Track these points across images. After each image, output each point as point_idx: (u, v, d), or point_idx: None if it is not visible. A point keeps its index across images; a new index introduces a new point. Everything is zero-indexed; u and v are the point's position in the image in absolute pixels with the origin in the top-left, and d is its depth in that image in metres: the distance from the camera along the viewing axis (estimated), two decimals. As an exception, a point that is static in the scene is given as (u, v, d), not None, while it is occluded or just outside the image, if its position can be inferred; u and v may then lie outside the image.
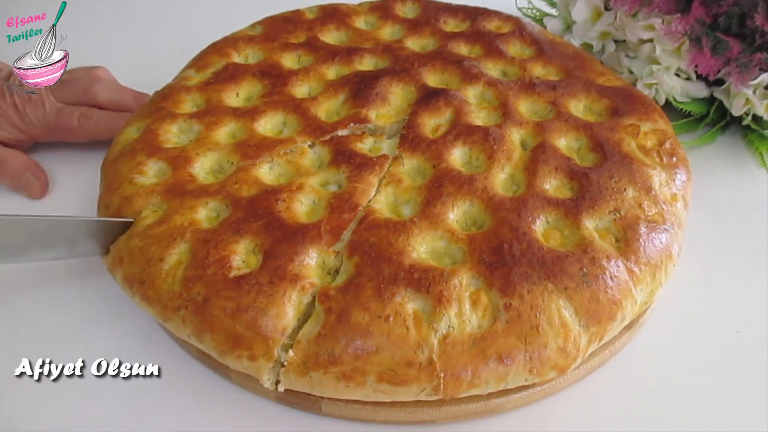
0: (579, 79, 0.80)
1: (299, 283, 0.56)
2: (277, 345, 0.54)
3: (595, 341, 0.57)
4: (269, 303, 0.55)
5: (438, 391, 0.53)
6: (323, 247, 0.59)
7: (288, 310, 0.55)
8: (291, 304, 0.55)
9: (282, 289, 0.55)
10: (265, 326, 0.54)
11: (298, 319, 0.55)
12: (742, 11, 0.82)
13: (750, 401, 0.60)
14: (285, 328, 0.54)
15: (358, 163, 0.67)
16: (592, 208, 0.63)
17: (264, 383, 0.55)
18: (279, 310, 0.55)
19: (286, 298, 0.55)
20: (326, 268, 0.58)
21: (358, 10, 0.95)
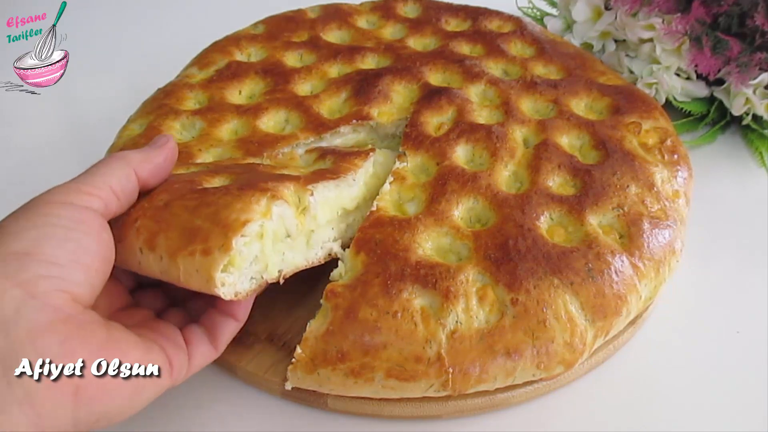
0: (580, 78, 0.80)
1: (270, 192, 0.52)
2: (236, 234, 0.48)
3: (601, 336, 0.58)
4: (235, 200, 0.51)
5: (447, 386, 0.53)
6: (300, 184, 0.56)
7: (254, 207, 0.50)
8: (258, 205, 0.51)
9: (251, 193, 0.52)
10: (226, 217, 0.49)
11: (263, 225, 0.51)
12: (742, 11, 0.83)
13: (751, 396, 0.60)
14: (247, 221, 0.49)
15: (344, 153, 0.67)
16: (595, 204, 0.63)
17: (218, 288, 0.48)
18: (244, 206, 0.50)
19: (254, 199, 0.51)
20: (301, 205, 0.55)
21: (359, 9, 0.95)
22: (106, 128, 0.79)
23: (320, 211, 0.58)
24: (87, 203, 0.49)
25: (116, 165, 0.53)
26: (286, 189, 0.54)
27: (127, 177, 0.52)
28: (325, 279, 0.59)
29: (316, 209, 0.57)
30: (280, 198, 0.53)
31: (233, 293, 0.50)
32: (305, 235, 0.57)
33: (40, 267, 0.44)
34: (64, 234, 0.46)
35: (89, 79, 1.03)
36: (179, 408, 0.60)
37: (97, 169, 0.52)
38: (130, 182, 0.53)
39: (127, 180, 0.52)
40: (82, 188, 0.50)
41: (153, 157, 0.55)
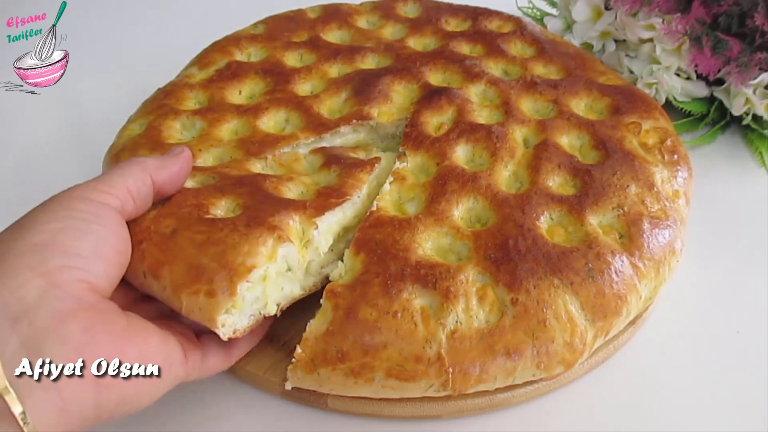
0: (580, 78, 0.80)
1: (277, 232, 0.53)
2: (242, 281, 0.50)
3: (601, 336, 0.58)
4: (242, 240, 0.52)
5: (447, 386, 0.53)
6: (306, 217, 0.56)
7: (261, 250, 0.52)
8: (265, 247, 0.52)
9: (258, 232, 0.53)
10: (233, 260, 0.51)
11: (267, 269, 0.52)
12: (742, 11, 0.83)
13: (751, 396, 0.60)
14: (253, 267, 0.51)
15: (349, 163, 0.67)
16: (595, 204, 0.63)
17: (217, 327, 0.50)
18: (251, 249, 0.52)
19: (261, 240, 0.52)
20: (305, 239, 0.56)
21: (359, 9, 0.95)
22: (106, 128, 0.78)
23: (323, 240, 0.58)
24: (105, 200, 0.51)
25: (133, 169, 0.54)
26: (292, 222, 0.55)
27: (143, 181, 0.54)
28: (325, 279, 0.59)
29: (320, 241, 0.57)
30: (287, 240, 0.54)
31: (232, 332, 0.51)
32: (303, 267, 0.58)
33: (62, 258, 0.45)
34: (85, 226, 0.48)
35: (89, 79, 1.03)
36: (179, 408, 0.60)
37: (114, 171, 0.54)
38: (146, 186, 0.54)
39: (143, 184, 0.54)
40: (99, 187, 0.51)
41: (169, 165, 0.56)
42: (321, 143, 0.72)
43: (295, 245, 0.55)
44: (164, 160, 0.57)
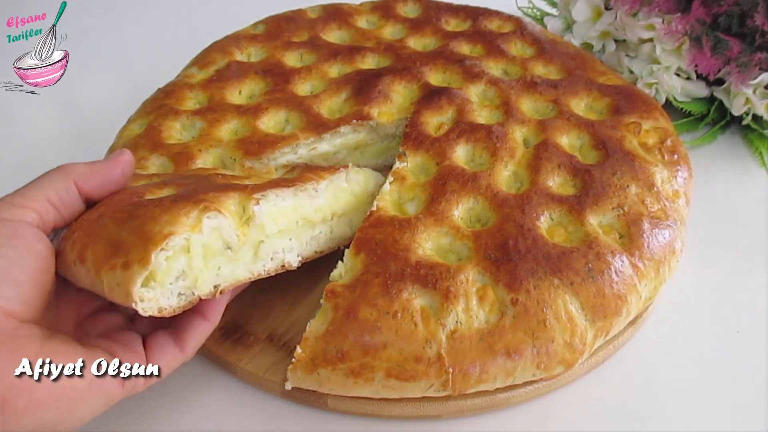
0: (580, 78, 0.80)
1: (203, 204, 0.50)
2: (156, 248, 0.46)
3: (601, 336, 0.58)
4: (164, 212, 0.49)
5: (447, 386, 0.53)
6: (246, 194, 0.53)
7: (182, 219, 0.48)
8: (187, 217, 0.49)
9: (182, 205, 0.49)
10: (149, 230, 0.47)
11: (189, 238, 0.49)
12: (742, 11, 0.83)
13: (751, 396, 0.60)
14: (170, 234, 0.47)
15: (314, 167, 0.66)
16: (595, 204, 0.63)
17: (136, 303, 0.46)
18: (171, 218, 0.48)
19: (183, 211, 0.49)
20: (245, 215, 0.53)
21: (359, 9, 0.95)
22: (106, 128, 0.79)
23: (270, 220, 0.55)
24: (20, 216, 0.49)
25: (55, 176, 0.53)
26: (229, 199, 0.52)
27: (66, 188, 0.52)
28: (325, 279, 0.59)
29: (262, 218, 0.54)
30: (214, 209, 0.50)
31: (156, 309, 0.48)
32: (252, 246, 0.55)
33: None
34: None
35: (89, 79, 1.03)
36: (179, 408, 0.60)
37: (35, 182, 0.52)
38: (70, 193, 0.52)
39: (66, 191, 0.52)
40: (15, 202, 0.50)
41: (98, 170, 0.54)
42: (321, 143, 0.72)
43: (229, 219, 0.51)
44: (94, 165, 0.54)
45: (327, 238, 0.62)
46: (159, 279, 0.48)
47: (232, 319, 0.64)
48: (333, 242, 0.63)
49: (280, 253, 0.58)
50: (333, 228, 0.63)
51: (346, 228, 0.64)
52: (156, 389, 0.60)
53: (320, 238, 0.62)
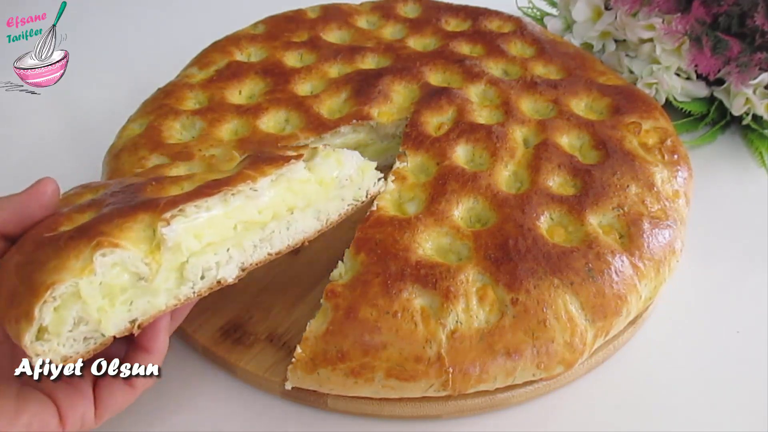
0: (580, 78, 0.80)
1: (97, 239, 0.45)
2: (39, 301, 0.43)
3: (601, 336, 0.58)
4: (54, 255, 0.45)
5: (447, 386, 0.53)
6: (156, 214, 0.48)
7: (70, 264, 0.44)
8: (77, 260, 0.45)
9: (74, 245, 0.45)
10: (35, 280, 0.44)
11: (78, 283, 0.45)
12: (742, 11, 0.83)
13: (751, 396, 0.60)
14: (54, 283, 0.43)
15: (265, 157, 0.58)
16: (595, 204, 0.63)
17: (33, 358, 0.44)
18: (58, 264, 0.44)
19: (74, 253, 0.45)
20: (155, 240, 0.48)
21: (359, 9, 0.95)
22: (106, 128, 0.79)
23: (189, 237, 0.49)
24: None
25: None
26: (135, 224, 0.48)
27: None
28: (325, 279, 0.59)
29: (178, 238, 0.48)
30: (108, 245, 0.45)
31: (59, 359, 0.45)
32: (174, 269, 0.49)
33: None
34: None
35: (89, 79, 1.03)
36: (179, 408, 0.60)
37: None
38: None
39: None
40: None
41: (11, 205, 0.50)
42: (321, 143, 0.72)
43: (132, 250, 0.47)
44: (6, 199, 0.50)
45: (284, 237, 0.56)
46: (52, 330, 0.44)
47: (232, 319, 0.64)
48: (293, 239, 0.57)
49: (213, 270, 0.51)
50: (291, 224, 0.56)
51: (311, 220, 0.58)
52: (156, 389, 0.61)
53: (273, 238, 0.55)
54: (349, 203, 0.61)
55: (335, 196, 0.59)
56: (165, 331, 0.52)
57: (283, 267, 0.68)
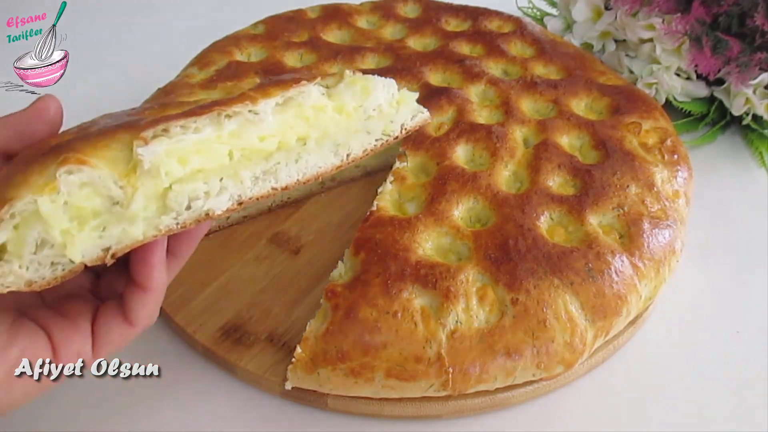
0: (580, 78, 0.80)
1: (63, 155, 0.41)
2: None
3: (601, 336, 0.58)
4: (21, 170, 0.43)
5: (447, 386, 0.53)
6: (135, 132, 0.43)
7: (33, 179, 0.41)
8: (40, 176, 0.42)
9: (42, 160, 0.43)
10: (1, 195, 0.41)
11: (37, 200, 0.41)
12: (742, 11, 0.83)
13: (751, 396, 0.60)
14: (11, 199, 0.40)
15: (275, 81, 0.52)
16: (595, 204, 0.63)
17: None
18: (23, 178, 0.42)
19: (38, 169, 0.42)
20: (131, 162, 0.43)
21: (359, 9, 0.95)
22: (106, 128, 0.78)
23: (172, 161, 0.44)
24: None
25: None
26: (113, 142, 0.43)
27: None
28: (325, 279, 0.59)
29: (158, 161, 0.43)
30: (75, 161, 0.41)
31: (22, 283, 0.42)
32: (156, 196, 0.44)
33: None
34: None
35: (89, 79, 1.03)
36: (178, 408, 0.60)
37: None
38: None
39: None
40: None
41: (12, 123, 0.48)
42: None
43: (104, 169, 0.42)
44: (7, 117, 0.48)
45: (292, 170, 0.50)
46: (13, 251, 0.41)
47: (232, 319, 0.64)
48: (303, 173, 0.50)
49: (200, 200, 0.46)
50: (302, 156, 0.50)
51: (327, 154, 0.51)
52: (156, 389, 0.61)
53: (279, 171, 0.49)
54: (377, 138, 0.54)
55: (359, 129, 0.53)
56: (160, 266, 0.47)
57: (283, 267, 0.68)
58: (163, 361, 0.62)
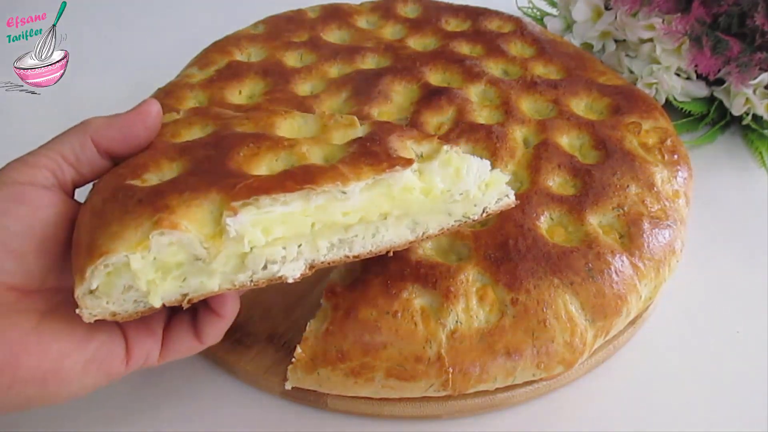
0: (580, 78, 0.80)
1: (158, 215, 0.44)
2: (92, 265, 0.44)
3: (601, 336, 0.58)
4: (117, 218, 0.45)
5: (447, 386, 0.53)
6: (227, 197, 0.45)
7: (128, 234, 0.44)
8: (135, 232, 0.44)
9: (140, 212, 0.45)
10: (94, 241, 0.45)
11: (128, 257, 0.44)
12: (742, 11, 0.83)
13: (751, 396, 0.61)
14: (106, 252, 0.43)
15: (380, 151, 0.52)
16: (595, 204, 0.63)
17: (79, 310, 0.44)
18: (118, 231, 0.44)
19: (134, 223, 0.44)
20: (219, 226, 0.45)
21: (359, 9, 0.95)
22: (106, 128, 0.78)
23: (256, 230, 0.46)
24: (30, 178, 0.47)
25: (72, 132, 0.50)
26: (205, 201, 0.46)
27: (81, 145, 0.50)
28: (325, 279, 0.59)
29: (243, 230, 0.45)
30: (168, 226, 0.44)
31: (107, 314, 0.45)
32: (237, 255, 0.47)
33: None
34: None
35: (89, 79, 1.03)
36: (179, 408, 0.60)
37: (54, 138, 0.51)
38: (86, 150, 0.50)
39: (82, 148, 0.50)
40: (28, 160, 0.48)
41: (118, 124, 0.50)
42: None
43: (193, 233, 0.45)
44: (113, 118, 0.51)
45: (367, 243, 0.51)
46: (102, 291, 0.45)
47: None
48: (377, 246, 0.51)
49: (277, 264, 0.48)
50: (379, 231, 0.51)
51: (404, 231, 0.52)
52: (156, 389, 0.61)
53: (354, 242, 0.50)
54: (457, 219, 0.53)
55: (441, 210, 0.52)
56: (235, 298, 0.51)
57: (283, 267, 0.68)
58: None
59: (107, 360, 0.47)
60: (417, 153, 0.52)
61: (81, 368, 0.45)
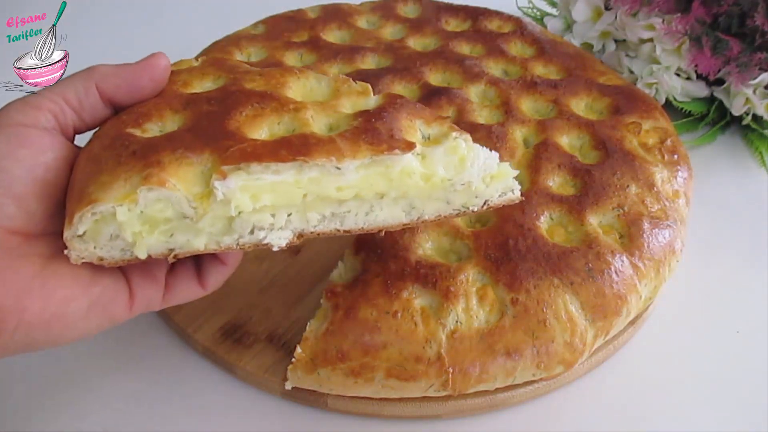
0: (580, 78, 0.80)
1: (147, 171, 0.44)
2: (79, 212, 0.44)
3: (601, 336, 0.58)
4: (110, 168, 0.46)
5: (447, 386, 0.53)
6: (218, 160, 0.45)
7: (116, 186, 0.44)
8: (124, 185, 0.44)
9: (132, 164, 0.45)
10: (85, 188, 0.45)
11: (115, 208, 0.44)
12: (742, 11, 0.83)
13: (751, 396, 0.60)
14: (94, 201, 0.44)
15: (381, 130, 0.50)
16: (595, 204, 0.63)
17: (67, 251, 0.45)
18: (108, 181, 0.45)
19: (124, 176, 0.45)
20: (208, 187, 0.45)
21: (359, 9, 0.95)
22: (106, 128, 0.78)
23: (244, 196, 0.45)
24: (32, 120, 0.47)
25: (78, 77, 0.49)
26: (196, 160, 0.45)
27: (86, 90, 0.49)
28: (325, 279, 0.59)
29: (231, 195, 0.45)
30: (156, 183, 0.44)
31: (95, 258, 0.46)
32: (225, 217, 0.46)
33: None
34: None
35: (89, 79, 1.03)
36: (179, 408, 0.60)
37: (59, 81, 0.50)
38: (90, 96, 0.49)
39: (86, 93, 0.49)
40: (30, 102, 0.48)
41: (123, 73, 0.50)
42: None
43: (180, 192, 0.44)
44: (120, 67, 0.50)
45: (359, 219, 0.50)
46: (90, 237, 0.45)
47: (232, 319, 0.64)
48: (369, 224, 0.50)
49: (264, 231, 0.47)
50: (373, 209, 0.50)
51: (398, 212, 0.50)
52: (156, 389, 0.61)
53: (346, 217, 0.49)
54: (455, 209, 0.52)
55: (440, 197, 0.51)
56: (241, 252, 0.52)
57: (283, 267, 0.68)
58: (163, 361, 0.63)
59: (111, 304, 0.47)
60: (424, 135, 0.51)
61: (85, 312, 0.46)
